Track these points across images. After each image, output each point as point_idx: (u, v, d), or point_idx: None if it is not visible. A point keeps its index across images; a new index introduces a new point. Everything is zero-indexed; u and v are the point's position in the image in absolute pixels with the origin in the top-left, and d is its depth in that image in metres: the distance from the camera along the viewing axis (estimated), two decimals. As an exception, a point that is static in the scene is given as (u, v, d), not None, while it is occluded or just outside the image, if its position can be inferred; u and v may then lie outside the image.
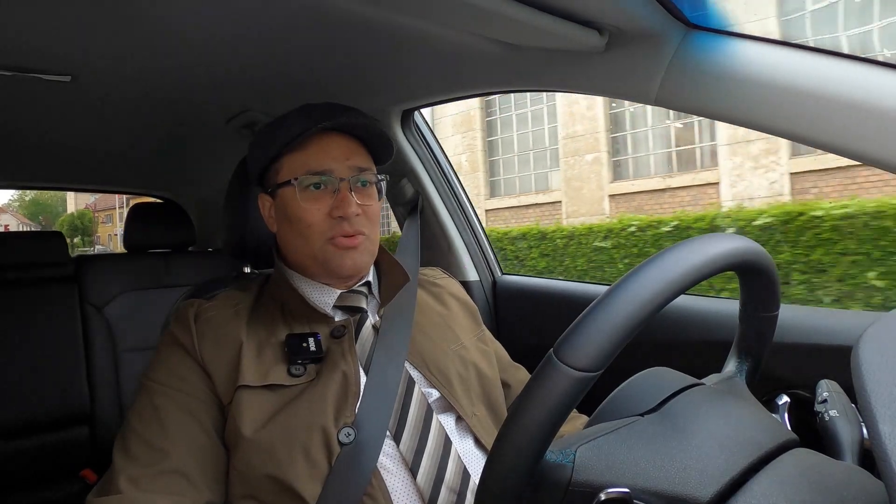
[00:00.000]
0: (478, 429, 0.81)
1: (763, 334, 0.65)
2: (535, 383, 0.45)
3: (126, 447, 0.71)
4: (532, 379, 0.45)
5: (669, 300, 0.45)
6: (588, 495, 0.44)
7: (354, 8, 0.83)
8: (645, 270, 0.46)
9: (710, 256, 0.48)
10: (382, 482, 0.71)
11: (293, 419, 0.72)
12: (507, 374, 0.99)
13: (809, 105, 0.68)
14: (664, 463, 0.46)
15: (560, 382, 0.43)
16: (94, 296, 1.80)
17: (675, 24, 0.78)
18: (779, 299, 0.60)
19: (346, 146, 0.83)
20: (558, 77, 0.95)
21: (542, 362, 0.45)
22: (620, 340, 0.44)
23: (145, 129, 1.51)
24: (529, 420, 0.44)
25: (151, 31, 0.90)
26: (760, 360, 0.68)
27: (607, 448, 0.48)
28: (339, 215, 0.80)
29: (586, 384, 0.43)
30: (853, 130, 0.65)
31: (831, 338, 0.89)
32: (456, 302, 0.99)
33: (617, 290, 0.45)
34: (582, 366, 0.43)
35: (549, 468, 0.47)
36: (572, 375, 0.43)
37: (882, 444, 0.33)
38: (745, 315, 0.63)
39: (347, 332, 0.80)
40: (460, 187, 1.51)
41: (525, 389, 0.45)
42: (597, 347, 0.43)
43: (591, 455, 0.47)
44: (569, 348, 0.44)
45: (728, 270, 0.52)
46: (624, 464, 0.46)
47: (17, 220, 48.89)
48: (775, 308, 0.61)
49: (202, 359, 0.76)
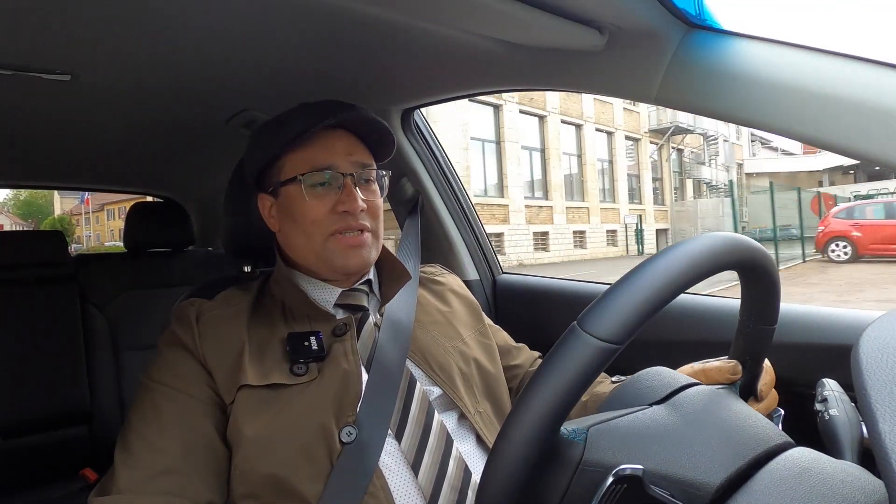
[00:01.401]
0: (480, 426, 0.81)
1: (758, 350, 0.65)
2: (557, 351, 0.44)
3: (127, 447, 0.71)
4: (555, 347, 0.45)
5: (693, 283, 0.46)
6: (598, 475, 0.44)
7: (354, 7, 0.83)
8: (673, 252, 0.47)
9: (728, 250, 0.50)
10: (384, 481, 0.71)
11: (295, 418, 0.72)
12: (512, 356, 1.00)
13: (810, 104, 0.68)
14: (674, 448, 0.46)
15: (584, 351, 0.43)
16: (94, 296, 1.80)
17: (676, 22, 0.78)
18: (777, 312, 0.61)
19: (348, 142, 0.84)
20: (558, 76, 0.96)
21: (566, 332, 0.45)
22: (646, 315, 0.44)
23: (145, 129, 1.51)
24: (551, 387, 0.44)
25: (151, 30, 0.90)
26: (755, 377, 0.68)
27: (619, 430, 0.48)
28: (345, 210, 0.80)
29: (609, 356, 0.43)
30: (854, 129, 0.65)
31: (831, 337, 0.90)
32: (457, 298, 0.99)
33: (646, 266, 0.46)
34: (607, 336, 0.43)
35: (563, 443, 0.46)
36: (596, 345, 0.43)
37: (882, 443, 0.33)
38: (743, 326, 0.64)
39: (349, 331, 0.80)
40: (460, 187, 1.51)
41: (547, 358, 0.45)
42: (623, 319, 0.44)
43: (603, 436, 0.47)
44: (595, 319, 0.44)
45: (736, 268, 0.53)
46: (635, 446, 0.46)
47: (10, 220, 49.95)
48: (773, 321, 0.61)
49: (203, 358, 0.76)
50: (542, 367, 0.45)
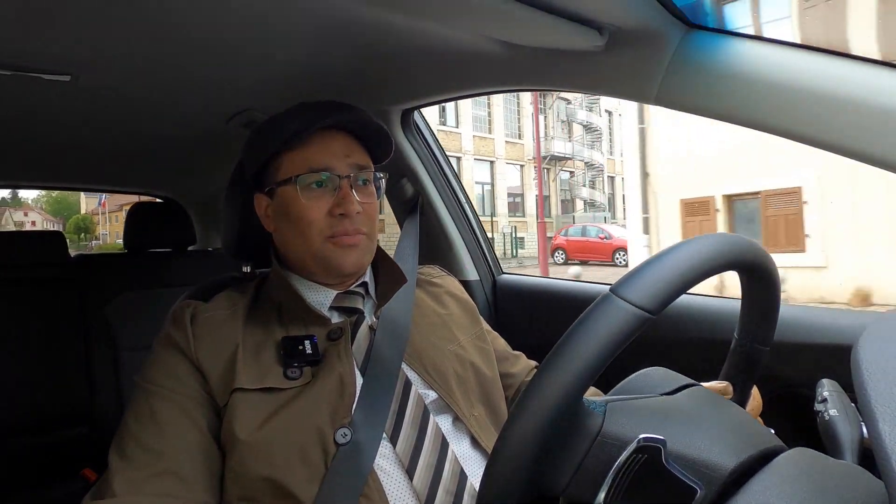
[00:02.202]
0: (476, 429, 0.80)
1: (749, 370, 0.65)
2: (590, 316, 0.44)
3: (122, 449, 0.70)
4: (586, 312, 0.45)
5: (723, 269, 0.49)
6: (614, 448, 0.44)
7: (355, 8, 0.83)
8: (706, 239, 0.49)
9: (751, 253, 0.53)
10: (379, 484, 0.71)
11: (289, 422, 0.72)
12: (509, 363, 0.99)
13: (810, 104, 0.68)
14: (690, 430, 0.46)
15: (617, 316, 0.43)
16: (94, 296, 1.80)
17: (676, 23, 0.78)
18: (773, 334, 0.62)
19: (346, 144, 0.83)
20: (558, 76, 0.95)
21: (598, 299, 0.45)
22: (681, 286, 0.45)
23: (145, 129, 1.51)
24: (580, 349, 0.43)
25: (151, 30, 0.90)
26: (745, 395, 0.69)
27: (636, 408, 0.48)
28: (341, 213, 0.79)
29: (642, 323, 0.43)
30: (853, 130, 0.65)
31: (831, 337, 0.89)
32: (454, 301, 0.99)
33: (682, 245, 0.48)
34: (642, 303, 0.43)
35: (583, 412, 0.46)
36: (630, 310, 0.43)
37: (882, 443, 0.33)
38: (737, 347, 0.65)
39: (344, 334, 0.80)
40: (460, 187, 1.51)
41: (578, 321, 0.45)
42: (659, 287, 0.44)
43: (622, 411, 0.47)
44: (630, 286, 0.45)
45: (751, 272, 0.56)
46: (653, 424, 0.46)
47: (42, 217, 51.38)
48: (769, 342, 0.62)
49: (198, 360, 0.76)
50: (572, 329, 0.44)
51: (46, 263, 1.80)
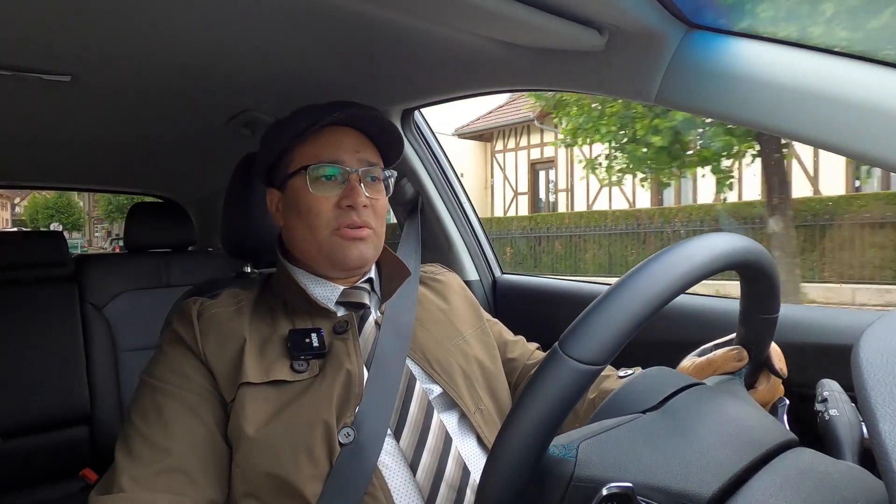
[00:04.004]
0: (480, 425, 0.81)
1: (762, 337, 0.65)
2: (539, 376, 0.44)
3: (128, 445, 0.70)
4: (536, 371, 0.45)
5: (675, 296, 0.46)
6: (590, 490, 0.44)
7: (354, 7, 0.83)
8: (650, 266, 0.47)
9: (714, 254, 0.49)
10: (383, 480, 0.71)
11: (297, 416, 0.72)
12: (508, 349, 0.99)
13: (810, 104, 0.67)
14: (666, 459, 0.46)
15: (565, 375, 0.43)
16: (94, 296, 1.80)
17: (676, 23, 0.78)
18: (779, 301, 0.60)
19: (356, 140, 0.85)
20: (558, 76, 0.95)
21: (548, 354, 0.45)
22: (626, 334, 0.44)
23: (145, 129, 1.51)
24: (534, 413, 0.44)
25: (151, 30, 0.90)
26: (760, 362, 0.68)
27: (610, 444, 0.48)
28: (348, 205, 0.80)
29: (591, 377, 0.43)
30: (853, 130, 0.65)
31: (831, 337, 0.89)
32: (457, 296, 0.99)
33: (623, 284, 0.46)
34: (587, 359, 0.43)
35: (552, 462, 0.46)
36: (577, 368, 0.43)
37: (882, 443, 0.33)
38: (745, 317, 0.63)
39: (351, 329, 0.80)
40: (460, 187, 1.51)
41: (529, 382, 0.45)
42: (602, 341, 0.43)
43: (594, 450, 0.47)
44: (574, 341, 0.44)
45: (730, 269, 0.52)
46: (626, 459, 0.46)
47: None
48: (775, 310, 0.61)
49: (205, 356, 0.76)
50: (525, 390, 0.45)
51: (46, 263, 1.80)
